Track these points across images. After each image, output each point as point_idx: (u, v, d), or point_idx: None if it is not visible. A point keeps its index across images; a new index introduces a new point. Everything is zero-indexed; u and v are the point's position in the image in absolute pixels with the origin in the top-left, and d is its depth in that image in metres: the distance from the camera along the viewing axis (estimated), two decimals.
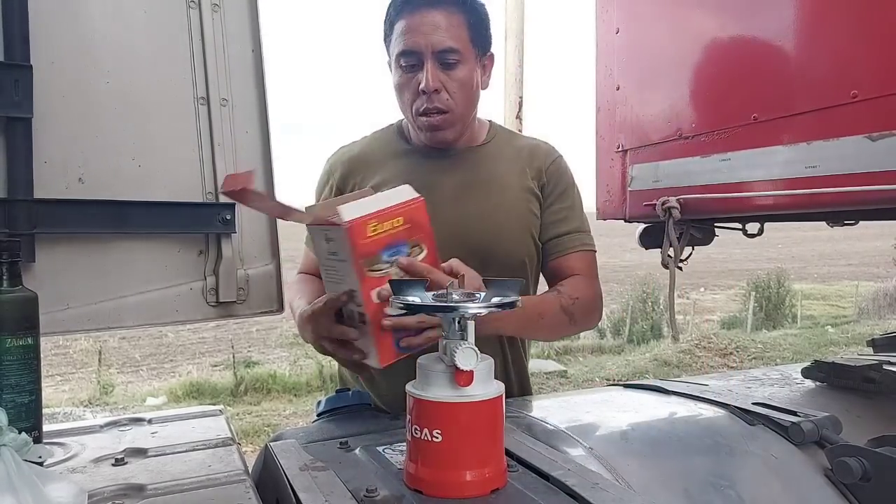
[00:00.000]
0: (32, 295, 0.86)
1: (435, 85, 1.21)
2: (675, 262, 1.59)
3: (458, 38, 1.22)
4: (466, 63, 1.24)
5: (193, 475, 0.84)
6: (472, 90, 1.27)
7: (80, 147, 1.14)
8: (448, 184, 1.31)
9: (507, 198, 1.32)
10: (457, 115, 1.26)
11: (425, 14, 1.21)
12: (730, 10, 1.42)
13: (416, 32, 1.20)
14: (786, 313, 15.31)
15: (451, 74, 1.23)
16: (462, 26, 1.22)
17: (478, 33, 1.26)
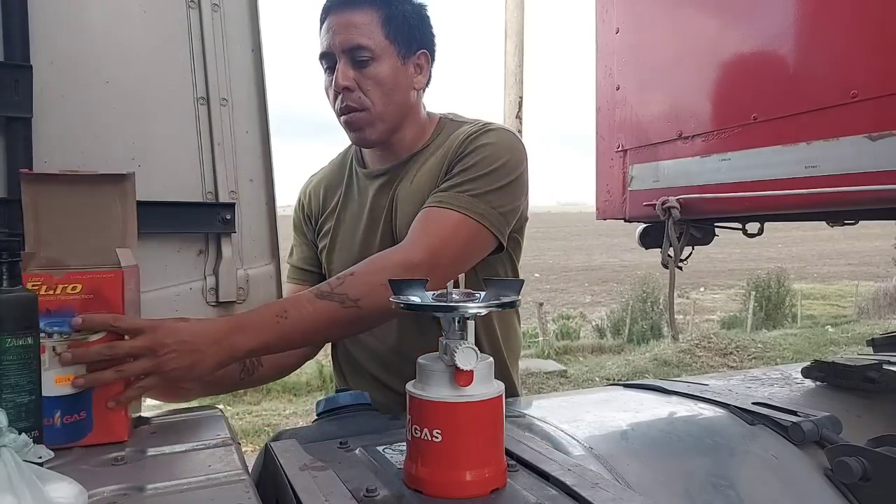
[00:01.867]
0: (32, 295, 0.86)
1: (345, 83, 1.19)
2: (675, 262, 1.59)
3: (370, 35, 1.19)
4: (382, 61, 1.20)
5: (193, 475, 0.84)
6: (391, 88, 1.22)
7: (80, 147, 1.14)
8: (379, 205, 1.29)
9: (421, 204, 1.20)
10: (375, 114, 1.22)
11: (338, 15, 1.20)
12: (730, 10, 1.42)
13: (329, 33, 1.20)
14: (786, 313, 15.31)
15: (364, 72, 1.19)
16: (375, 23, 1.19)
17: (398, 30, 1.21)
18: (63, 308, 0.92)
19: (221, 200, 1.25)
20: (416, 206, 1.20)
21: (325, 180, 1.43)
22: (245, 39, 1.28)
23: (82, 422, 0.93)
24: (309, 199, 1.44)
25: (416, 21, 1.25)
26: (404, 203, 1.25)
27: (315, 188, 1.44)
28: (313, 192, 1.44)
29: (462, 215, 1.12)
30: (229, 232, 1.25)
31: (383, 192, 1.30)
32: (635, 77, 1.70)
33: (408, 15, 1.24)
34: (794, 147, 1.26)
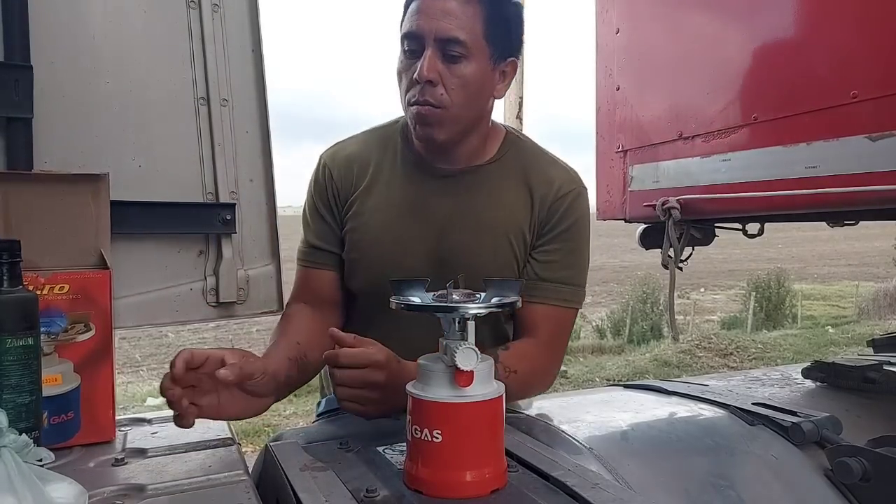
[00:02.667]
0: (32, 295, 0.86)
1: (430, 75, 1.07)
2: (675, 262, 1.59)
3: (469, 29, 1.08)
4: (474, 60, 1.09)
5: (193, 475, 0.84)
6: (476, 92, 1.12)
7: (80, 147, 1.14)
8: (438, 210, 1.18)
9: (494, 238, 1.17)
10: (451, 114, 1.11)
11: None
12: (730, 10, 1.42)
13: (423, 14, 1.08)
14: (786, 313, 15.30)
15: (453, 68, 1.09)
16: (476, 18, 1.08)
17: (495, 31, 1.10)
18: (50, 308, 0.92)
19: (221, 200, 1.25)
20: (483, 231, 1.17)
21: (359, 156, 1.24)
22: (245, 39, 1.28)
23: (70, 422, 0.94)
24: (340, 172, 1.24)
25: (516, 26, 1.15)
26: (470, 219, 1.17)
27: (347, 161, 1.24)
28: (345, 165, 1.24)
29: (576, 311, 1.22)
30: (229, 232, 1.25)
31: (444, 194, 1.19)
32: (635, 77, 1.70)
33: (509, 17, 1.14)
34: (794, 147, 1.26)
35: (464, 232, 1.17)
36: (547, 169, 1.21)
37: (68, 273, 0.94)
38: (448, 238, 1.17)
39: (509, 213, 1.18)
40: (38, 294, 0.90)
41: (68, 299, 0.93)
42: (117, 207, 1.12)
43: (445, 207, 1.18)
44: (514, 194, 1.19)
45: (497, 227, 1.17)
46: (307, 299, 1.23)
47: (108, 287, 0.96)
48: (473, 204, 1.18)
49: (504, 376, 1.06)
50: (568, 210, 1.18)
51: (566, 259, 1.19)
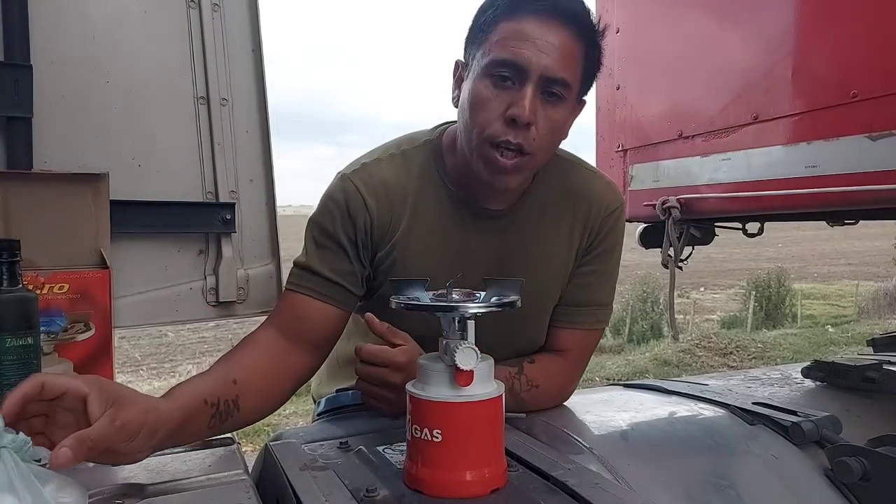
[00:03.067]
0: (32, 295, 0.86)
1: (531, 117, 0.93)
2: (675, 261, 1.59)
3: (574, 70, 0.96)
4: (568, 104, 0.98)
5: (193, 475, 0.84)
6: (559, 137, 1.02)
7: (80, 147, 1.14)
8: (484, 252, 1.08)
9: (549, 272, 1.10)
10: (534, 162, 0.99)
11: (551, 27, 0.93)
12: (730, 10, 1.42)
13: (530, 44, 0.92)
14: (786, 313, 15.31)
15: (549, 111, 0.95)
16: (579, 60, 0.97)
17: (588, 73, 1.00)
18: (50, 308, 0.92)
19: (221, 200, 1.25)
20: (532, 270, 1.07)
21: (397, 185, 1.06)
22: (245, 39, 1.28)
23: None
24: (378, 202, 1.04)
25: (600, 61, 1.03)
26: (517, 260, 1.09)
27: (385, 190, 1.05)
28: (384, 196, 1.05)
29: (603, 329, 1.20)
30: (229, 232, 1.25)
31: (489, 236, 1.08)
32: (635, 77, 1.70)
33: (599, 59, 1.01)
34: (794, 147, 1.26)
35: (509, 272, 1.06)
36: (590, 184, 1.13)
37: (68, 273, 0.94)
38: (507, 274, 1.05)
39: (557, 244, 1.10)
40: (38, 294, 0.90)
41: (68, 299, 0.93)
42: (117, 207, 1.12)
43: (489, 250, 1.08)
44: (559, 221, 1.10)
45: (547, 264, 1.10)
46: (286, 330, 1.01)
47: (108, 287, 0.96)
48: (520, 243, 1.09)
49: (526, 390, 1.06)
50: (611, 230, 1.12)
51: (601, 281, 1.14)
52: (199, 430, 0.87)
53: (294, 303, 1.02)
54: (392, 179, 1.06)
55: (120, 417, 0.71)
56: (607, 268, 1.14)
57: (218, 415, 0.88)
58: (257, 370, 0.96)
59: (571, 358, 1.14)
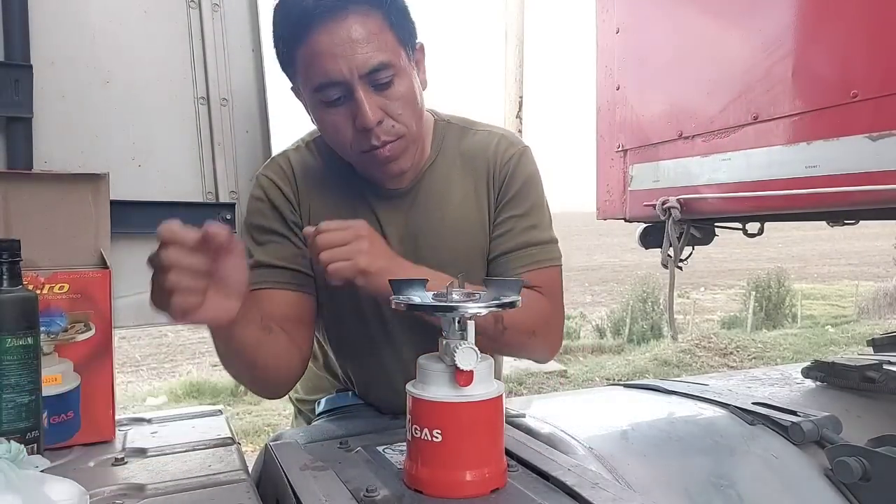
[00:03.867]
0: (32, 295, 0.86)
1: (377, 117, 0.95)
2: (675, 262, 1.59)
3: (385, 46, 0.94)
4: (403, 73, 0.97)
5: (193, 475, 0.84)
6: (416, 101, 1.01)
7: (80, 147, 1.14)
8: (395, 231, 1.09)
9: (460, 241, 1.10)
10: (409, 138, 1.01)
11: (334, 28, 0.91)
12: (730, 9, 1.42)
13: (330, 57, 0.92)
14: (786, 313, 15.30)
15: (390, 94, 0.96)
16: (384, 28, 0.94)
17: (403, 29, 0.98)
18: (50, 308, 0.92)
19: (222, 200, 1.25)
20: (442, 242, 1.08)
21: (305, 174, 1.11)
22: (245, 39, 1.28)
23: (70, 421, 0.94)
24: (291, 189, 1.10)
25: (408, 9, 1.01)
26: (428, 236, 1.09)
27: (295, 179, 1.11)
28: (295, 183, 1.10)
29: (557, 267, 1.13)
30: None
31: (395, 216, 1.10)
32: (635, 77, 1.70)
33: (402, 6, 0.99)
34: (794, 147, 1.26)
35: (421, 243, 1.09)
36: (484, 142, 1.13)
37: (68, 273, 0.94)
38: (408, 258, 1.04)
39: (466, 208, 1.10)
40: (38, 294, 0.90)
41: (68, 299, 0.93)
42: (117, 207, 1.12)
43: (401, 229, 1.09)
44: (462, 185, 1.11)
45: (459, 230, 1.10)
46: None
47: (108, 287, 0.96)
48: (429, 217, 1.10)
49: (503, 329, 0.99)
50: (513, 174, 1.11)
51: (525, 221, 1.10)
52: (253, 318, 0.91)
53: (257, 300, 1.01)
54: (299, 166, 1.11)
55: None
56: (526, 208, 1.11)
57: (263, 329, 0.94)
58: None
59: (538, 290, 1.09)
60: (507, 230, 1.10)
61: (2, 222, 0.99)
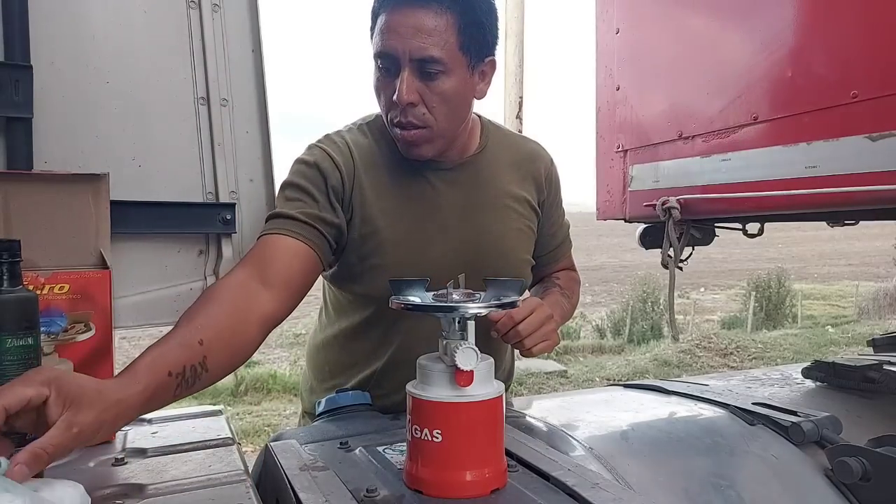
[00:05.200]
0: (32, 295, 0.86)
1: (409, 98, 1.05)
2: (675, 262, 1.59)
3: (444, 44, 1.05)
4: (452, 73, 1.07)
5: (193, 475, 0.84)
6: (458, 104, 1.11)
7: (80, 147, 1.14)
8: (451, 204, 1.21)
9: (513, 218, 1.26)
10: (436, 132, 1.10)
11: (408, 13, 1.04)
12: (730, 10, 1.42)
13: (394, 33, 1.04)
14: (786, 313, 15.30)
15: (432, 86, 1.06)
16: (450, 29, 1.05)
17: (471, 37, 1.08)
18: (50, 308, 0.92)
19: (222, 200, 1.25)
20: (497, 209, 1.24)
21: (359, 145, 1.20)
22: (245, 39, 1.28)
23: None
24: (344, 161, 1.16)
25: (490, 24, 1.11)
26: (481, 203, 1.23)
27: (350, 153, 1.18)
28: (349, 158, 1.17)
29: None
30: (230, 232, 1.25)
31: (449, 186, 1.21)
32: (635, 77, 1.70)
33: (483, 18, 1.09)
34: (794, 147, 1.26)
35: (486, 221, 1.22)
36: (526, 146, 1.34)
37: (68, 273, 0.94)
38: (471, 230, 1.21)
39: (511, 189, 1.26)
40: (38, 294, 0.90)
41: (68, 299, 0.93)
42: (117, 207, 1.12)
43: (456, 200, 1.21)
44: (510, 174, 1.27)
45: (510, 207, 1.25)
46: (254, 271, 1.01)
47: (108, 287, 0.96)
48: (483, 191, 1.23)
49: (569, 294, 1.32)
50: (555, 178, 1.34)
51: (561, 219, 1.38)
52: (165, 401, 0.84)
53: (265, 243, 1.05)
54: (354, 144, 1.19)
55: (77, 423, 0.68)
56: (561, 207, 1.39)
57: (184, 382, 0.84)
58: (224, 323, 0.91)
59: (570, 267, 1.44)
60: (557, 229, 1.37)
61: (2, 222, 0.99)
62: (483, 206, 1.23)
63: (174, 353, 0.84)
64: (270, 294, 1.00)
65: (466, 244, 1.20)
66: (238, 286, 0.98)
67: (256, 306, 0.97)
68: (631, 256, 27.42)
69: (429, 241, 1.19)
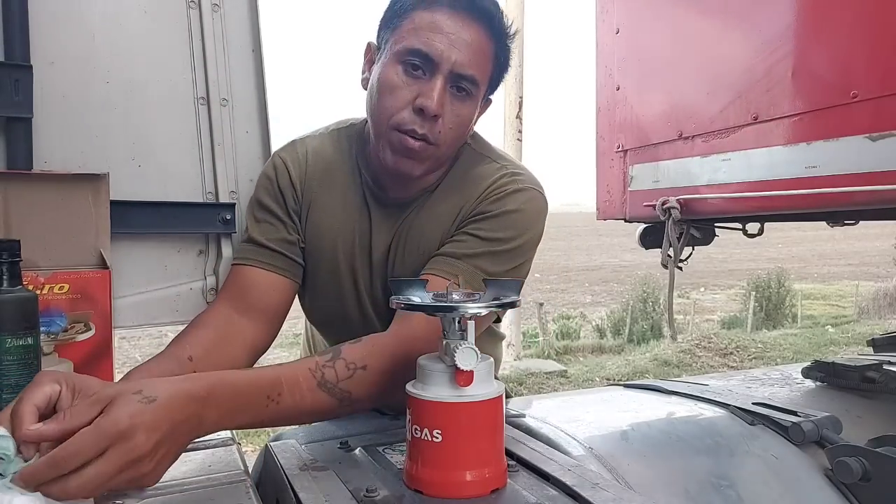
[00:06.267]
0: (32, 295, 0.86)
1: (440, 109, 0.96)
2: (675, 262, 1.59)
3: (484, 69, 0.99)
4: (474, 99, 1.01)
5: (193, 475, 0.84)
6: (465, 131, 1.04)
7: (80, 147, 1.14)
8: (381, 238, 1.11)
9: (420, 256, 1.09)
10: (439, 153, 1.01)
11: (465, 22, 0.96)
12: (730, 10, 1.42)
13: (443, 36, 0.95)
14: (786, 313, 15.29)
15: (457, 106, 0.98)
16: (489, 55, 1.00)
17: (496, 70, 1.04)
18: (50, 308, 0.92)
19: (221, 200, 1.25)
20: (421, 254, 1.07)
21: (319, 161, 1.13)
22: (245, 39, 1.28)
23: None
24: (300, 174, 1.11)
25: (506, 64, 1.06)
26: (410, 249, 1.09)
27: (308, 165, 1.12)
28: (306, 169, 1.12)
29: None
30: (229, 232, 1.25)
31: (387, 224, 1.11)
32: (635, 77, 1.70)
33: (504, 56, 1.04)
34: (794, 147, 1.26)
35: (397, 264, 1.09)
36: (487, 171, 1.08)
37: (68, 273, 0.95)
38: (391, 269, 1.09)
39: (439, 226, 1.08)
40: (38, 294, 0.90)
41: (68, 299, 0.93)
42: (117, 207, 1.12)
43: (385, 237, 1.10)
44: (447, 205, 1.08)
45: (428, 246, 1.07)
46: (234, 302, 1.04)
47: (108, 287, 0.96)
48: (410, 231, 1.09)
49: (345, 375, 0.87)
50: (495, 202, 1.05)
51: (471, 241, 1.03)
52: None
53: (239, 275, 1.07)
54: (314, 155, 1.13)
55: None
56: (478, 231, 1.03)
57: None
58: (213, 343, 0.97)
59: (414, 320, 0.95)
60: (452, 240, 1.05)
61: (2, 222, 0.99)
62: (401, 248, 1.10)
63: (165, 364, 0.88)
64: (252, 325, 1.04)
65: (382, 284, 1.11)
66: (221, 317, 1.02)
67: (241, 336, 1.02)
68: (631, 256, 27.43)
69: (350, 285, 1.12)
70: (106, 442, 0.61)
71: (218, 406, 0.74)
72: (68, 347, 0.94)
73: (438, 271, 0.99)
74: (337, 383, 0.85)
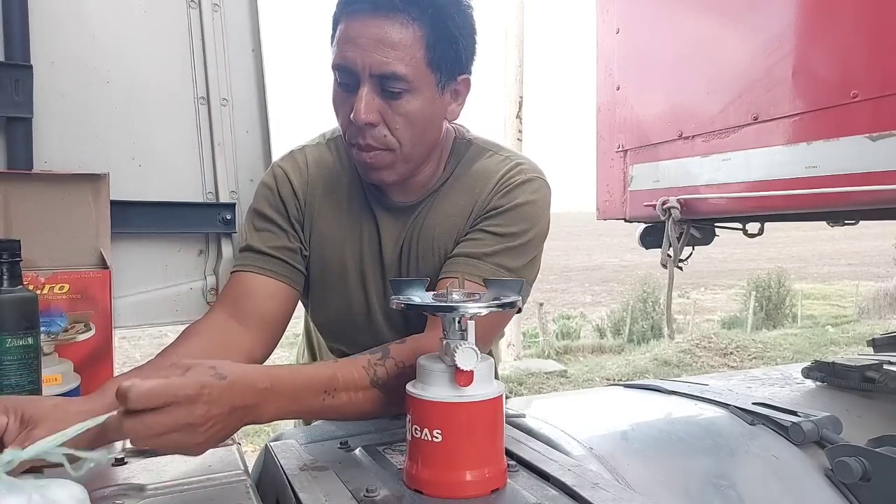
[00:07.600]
0: (32, 295, 0.86)
1: (368, 118, 0.94)
2: (675, 262, 1.59)
3: (410, 60, 0.93)
4: (419, 92, 0.96)
5: (193, 475, 0.84)
6: (425, 126, 0.99)
7: (80, 147, 1.14)
8: (390, 244, 1.10)
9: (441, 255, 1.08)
10: (400, 156, 0.99)
11: (370, 22, 0.92)
12: (730, 10, 1.42)
13: (353, 44, 0.93)
14: (786, 313, 15.30)
15: (395, 106, 0.95)
16: (417, 44, 0.93)
17: (442, 53, 0.96)
18: (50, 308, 0.92)
19: (222, 200, 1.25)
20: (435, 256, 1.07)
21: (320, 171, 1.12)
22: (245, 39, 1.28)
23: None
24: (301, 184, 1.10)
25: (465, 39, 0.99)
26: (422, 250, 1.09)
27: (308, 174, 1.11)
28: (307, 179, 1.11)
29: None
30: (230, 232, 1.25)
31: (394, 227, 1.10)
32: (635, 77, 1.70)
33: (456, 32, 0.97)
34: (794, 147, 1.26)
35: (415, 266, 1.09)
36: (493, 165, 1.09)
37: (68, 273, 0.95)
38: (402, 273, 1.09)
39: (450, 226, 1.07)
40: (38, 294, 0.90)
41: (68, 299, 0.93)
42: (117, 207, 1.12)
43: (395, 240, 1.10)
44: (456, 204, 1.08)
45: (439, 247, 1.08)
46: (231, 311, 1.01)
47: (108, 287, 0.96)
48: (420, 233, 1.09)
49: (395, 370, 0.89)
50: (506, 196, 1.05)
51: (489, 239, 1.03)
52: None
53: (237, 282, 1.04)
54: (314, 164, 1.12)
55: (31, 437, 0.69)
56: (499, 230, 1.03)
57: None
58: (204, 354, 0.92)
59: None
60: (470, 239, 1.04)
61: (2, 222, 1.00)
62: (413, 251, 1.09)
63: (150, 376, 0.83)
64: (249, 334, 1.01)
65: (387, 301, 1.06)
66: (215, 326, 0.99)
67: (235, 345, 0.98)
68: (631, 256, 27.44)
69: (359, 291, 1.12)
70: (171, 399, 0.65)
71: (276, 399, 0.77)
72: (68, 347, 0.94)
73: (464, 274, 0.97)
74: (388, 381, 0.87)
